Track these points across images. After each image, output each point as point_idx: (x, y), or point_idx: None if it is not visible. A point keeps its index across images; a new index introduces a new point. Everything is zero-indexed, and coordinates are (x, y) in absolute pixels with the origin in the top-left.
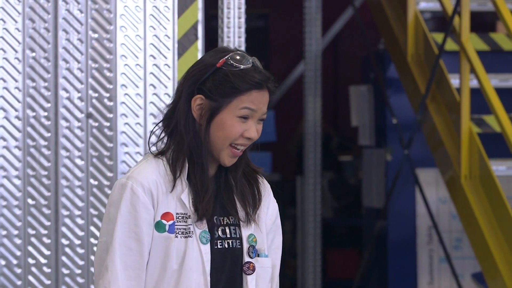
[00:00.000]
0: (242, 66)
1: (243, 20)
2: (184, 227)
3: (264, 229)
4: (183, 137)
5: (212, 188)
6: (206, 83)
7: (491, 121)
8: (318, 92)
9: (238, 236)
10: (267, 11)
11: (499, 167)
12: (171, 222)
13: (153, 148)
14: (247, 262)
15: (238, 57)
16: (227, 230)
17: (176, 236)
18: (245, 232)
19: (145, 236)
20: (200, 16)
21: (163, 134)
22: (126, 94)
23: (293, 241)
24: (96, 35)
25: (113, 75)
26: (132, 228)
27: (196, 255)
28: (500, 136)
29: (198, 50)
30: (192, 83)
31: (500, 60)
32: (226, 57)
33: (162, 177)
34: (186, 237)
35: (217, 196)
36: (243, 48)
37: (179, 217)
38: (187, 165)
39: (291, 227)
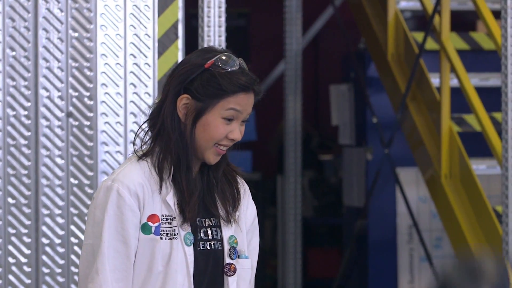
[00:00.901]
0: (229, 68)
1: (223, 19)
2: (169, 228)
3: (244, 229)
4: (170, 137)
5: (198, 190)
6: (193, 83)
7: (471, 120)
8: (299, 91)
9: (219, 238)
10: (248, 10)
11: (479, 166)
12: (156, 224)
13: (137, 147)
14: (228, 264)
15: (225, 59)
16: (209, 232)
17: (161, 238)
18: (226, 233)
19: (131, 238)
20: (180, 15)
21: (148, 135)
22: (106, 93)
23: (273, 240)
24: (76, 34)
25: (93, 74)
26: (119, 231)
27: (181, 257)
28: (480, 135)
29: (178, 49)
30: (179, 82)
31: (480, 59)
32: (214, 59)
33: (147, 179)
34: (171, 239)
35: (199, 196)
36: (223, 47)
37: (164, 219)
38: (172, 166)
39: (271, 226)
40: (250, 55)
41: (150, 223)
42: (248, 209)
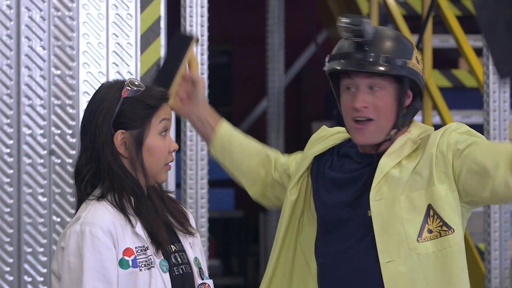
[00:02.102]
0: (142, 88)
1: (205, 56)
2: (145, 259)
3: (200, 241)
4: (120, 176)
5: (158, 213)
6: (120, 116)
7: None
8: (281, 128)
9: (186, 261)
10: (230, 47)
11: None
12: (132, 257)
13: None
14: (202, 284)
15: (136, 82)
16: (178, 257)
17: (141, 270)
18: (190, 256)
19: (112, 276)
20: (163, 53)
21: (90, 183)
22: None
23: (256, 278)
24: (58, 72)
25: (76, 112)
26: (99, 271)
27: (160, 284)
28: None
29: None
30: (105, 122)
31: (462, 97)
32: (125, 87)
33: (114, 216)
34: (149, 268)
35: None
36: (206, 85)
37: (139, 251)
38: (132, 199)
39: (254, 264)
40: (232, 92)
41: (126, 258)
42: (190, 220)
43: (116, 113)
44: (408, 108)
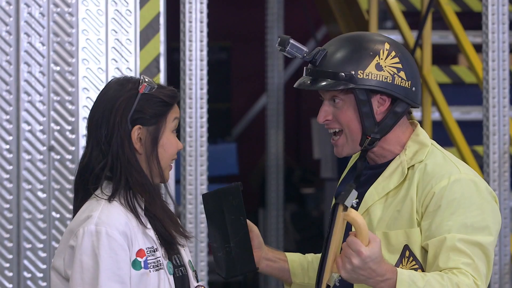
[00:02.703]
0: (156, 85)
1: (205, 52)
2: (154, 260)
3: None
4: (138, 172)
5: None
6: (137, 112)
7: (453, 153)
8: (280, 124)
9: (182, 264)
10: (229, 43)
11: None
12: (144, 258)
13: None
14: (198, 286)
15: (148, 80)
16: (177, 259)
17: (150, 271)
18: (185, 258)
19: (126, 277)
20: (162, 49)
21: (101, 177)
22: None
23: (256, 275)
24: (58, 68)
25: (75, 108)
26: (115, 272)
27: (167, 286)
28: None
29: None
30: (122, 118)
31: (462, 93)
32: (142, 83)
33: (127, 216)
34: (157, 270)
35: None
36: (205, 81)
37: (149, 252)
38: (144, 199)
39: None
40: (231, 89)
41: (139, 259)
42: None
43: (134, 109)
44: (386, 114)
